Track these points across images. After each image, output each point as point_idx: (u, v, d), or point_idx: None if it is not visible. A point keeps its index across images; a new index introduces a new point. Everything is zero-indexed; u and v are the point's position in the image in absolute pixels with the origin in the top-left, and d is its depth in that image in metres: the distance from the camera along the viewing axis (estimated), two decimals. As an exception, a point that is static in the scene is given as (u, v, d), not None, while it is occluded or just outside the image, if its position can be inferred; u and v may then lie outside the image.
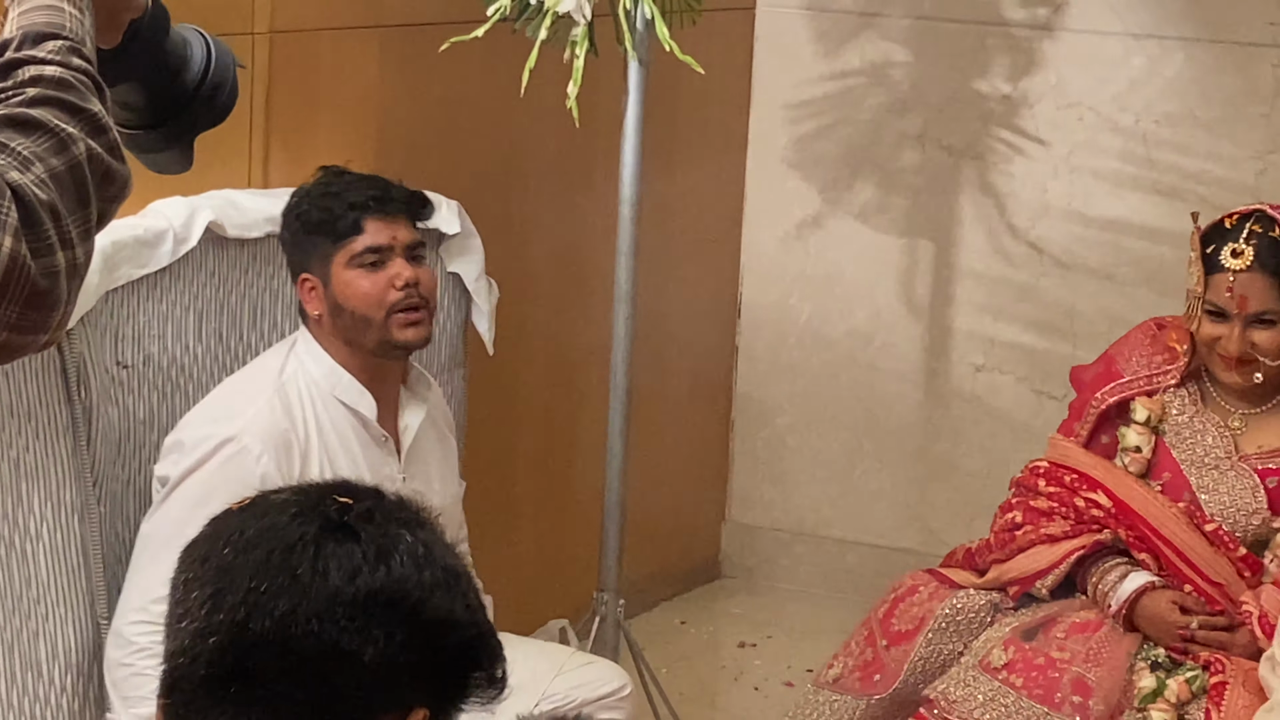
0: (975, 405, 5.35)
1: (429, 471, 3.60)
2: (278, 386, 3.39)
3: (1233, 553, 3.75)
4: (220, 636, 1.77)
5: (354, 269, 3.41)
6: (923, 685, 3.77)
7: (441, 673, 1.82)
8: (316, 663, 1.75)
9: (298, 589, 1.76)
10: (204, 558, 1.82)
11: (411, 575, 1.79)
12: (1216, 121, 5.05)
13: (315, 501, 1.83)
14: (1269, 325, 3.72)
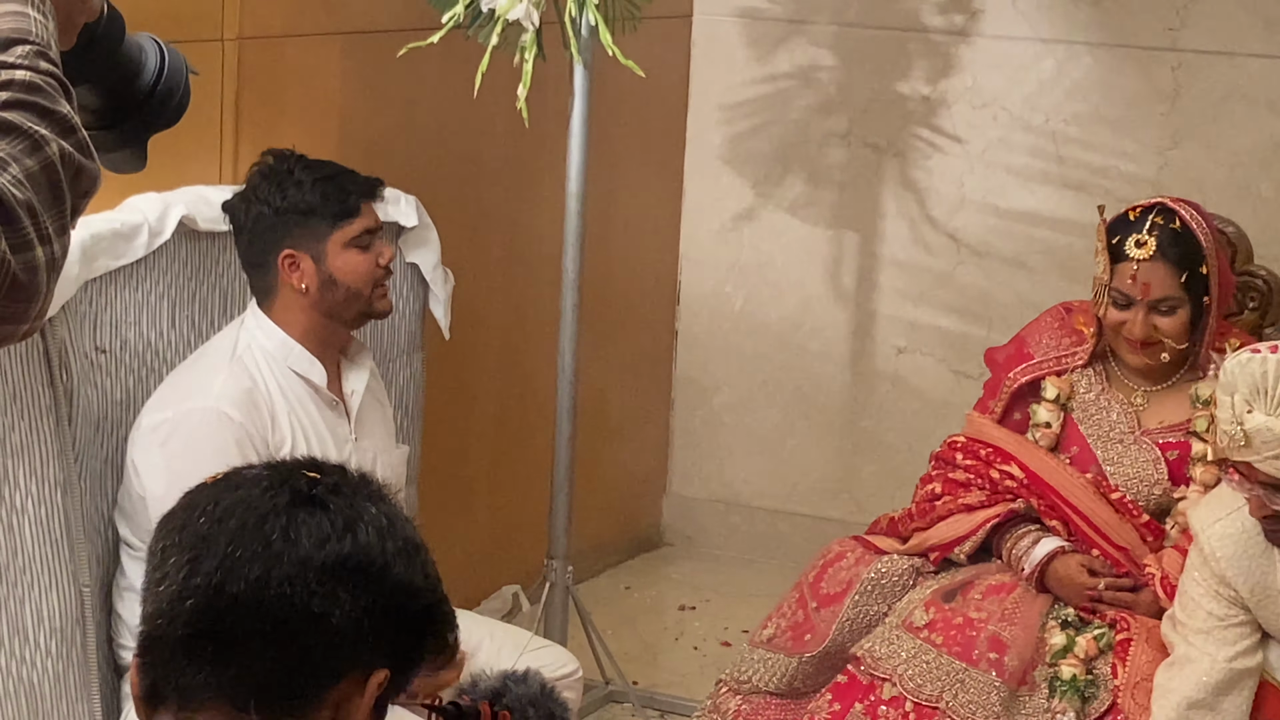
0: (898, 384, 5.37)
1: (375, 432, 3.61)
2: (234, 358, 3.39)
3: (1137, 520, 3.78)
4: (197, 599, 1.77)
5: (351, 249, 3.44)
6: (850, 644, 3.78)
7: (402, 636, 1.82)
8: (287, 624, 1.75)
9: (270, 555, 1.76)
10: (181, 526, 1.81)
11: (376, 544, 1.80)
12: (1120, 120, 5.08)
13: (286, 476, 1.83)
14: (1171, 310, 3.74)
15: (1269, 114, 4.94)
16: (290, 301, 3.44)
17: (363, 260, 3.45)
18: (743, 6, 5.38)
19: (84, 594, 3.32)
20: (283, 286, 3.44)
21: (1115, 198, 4.21)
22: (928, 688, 3.63)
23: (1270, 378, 3.27)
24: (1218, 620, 3.46)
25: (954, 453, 3.93)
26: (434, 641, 1.85)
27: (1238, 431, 3.28)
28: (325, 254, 3.43)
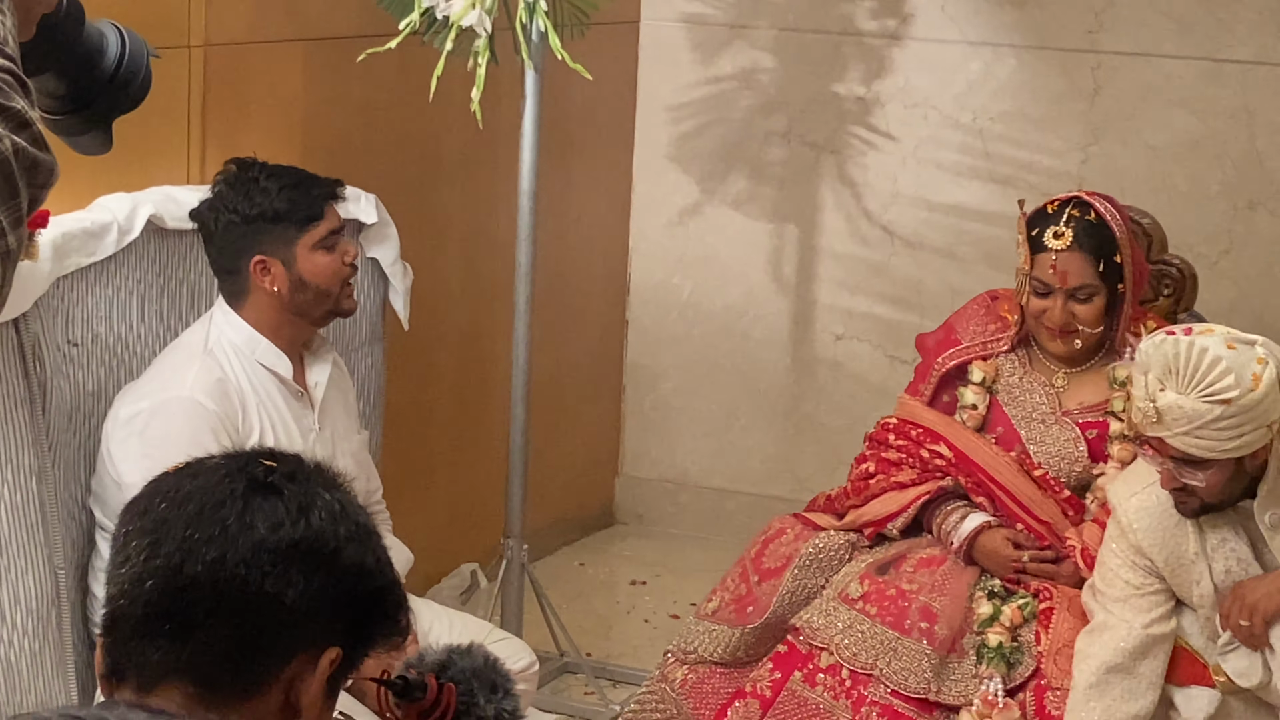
0: (835, 369, 5.38)
1: (337, 421, 3.61)
2: (206, 352, 3.40)
3: (1058, 495, 3.79)
4: (156, 580, 1.76)
5: (318, 250, 3.44)
6: (790, 615, 3.78)
7: (353, 616, 1.82)
8: (243, 603, 1.75)
9: (226, 538, 1.75)
10: (143, 512, 1.81)
11: (328, 528, 1.79)
12: (1043, 118, 5.10)
13: (243, 464, 1.83)
14: (1088, 297, 3.76)
15: (1183, 111, 4.97)
16: (261, 302, 3.44)
17: (330, 261, 3.45)
18: (687, 12, 5.39)
19: (59, 575, 3.31)
20: (255, 290, 3.43)
21: (1039, 192, 4.23)
22: (863, 656, 3.64)
23: (1182, 359, 3.29)
24: (1134, 589, 3.48)
25: (887, 433, 3.94)
26: (385, 622, 1.84)
27: (1150, 408, 3.30)
28: (295, 257, 3.43)
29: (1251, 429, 3.29)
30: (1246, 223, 4.95)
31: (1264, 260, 4.93)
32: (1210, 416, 3.26)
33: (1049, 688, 3.55)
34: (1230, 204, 4.95)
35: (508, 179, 4.36)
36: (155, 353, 3.54)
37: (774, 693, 3.72)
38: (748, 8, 5.33)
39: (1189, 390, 3.27)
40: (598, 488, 5.62)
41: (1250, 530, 3.44)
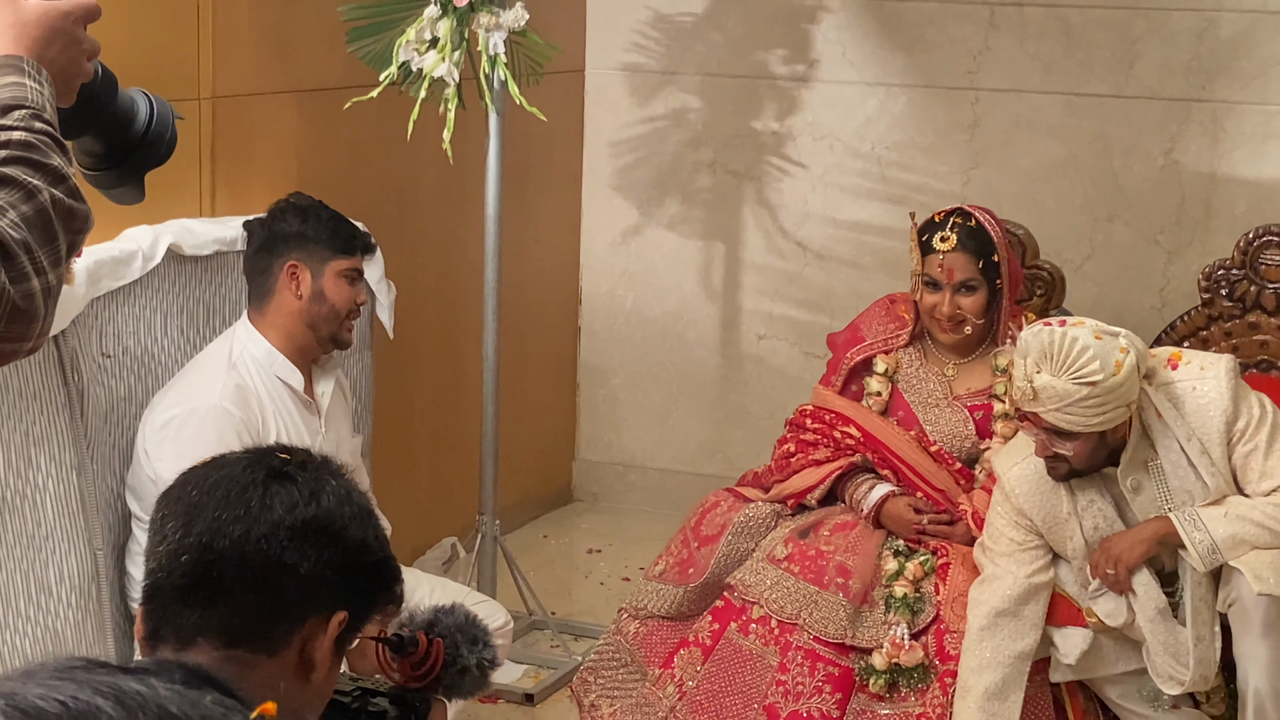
0: (759, 365, 5.40)
1: (340, 426, 3.60)
2: (230, 365, 3.39)
3: (951, 467, 3.82)
4: (190, 555, 1.77)
5: (342, 278, 3.47)
6: (725, 575, 3.79)
7: (357, 585, 1.83)
8: (264, 573, 1.75)
9: (250, 518, 1.76)
10: (176, 499, 1.82)
11: (336, 509, 1.80)
12: (931, 146, 5.12)
13: (262, 457, 1.84)
14: (971, 291, 3.79)
15: (1049, 139, 5.00)
16: (283, 305, 3.44)
17: (348, 290, 3.47)
18: (625, 61, 5.40)
19: (98, 556, 3.30)
20: (280, 290, 3.44)
21: (929, 209, 4.26)
22: (788, 608, 3.65)
23: (1056, 346, 3.31)
24: (1017, 545, 3.50)
25: (804, 418, 3.96)
26: (384, 590, 1.86)
27: (1028, 388, 3.33)
28: (323, 273, 3.45)
29: (1114, 407, 3.33)
30: (1105, 232, 4.98)
31: (1121, 264, 4.97)
32: (1079, 396, 3.29)
33: (947, 631, 3.57)
34: (1091, 217, 4.98)
35: (475, 207, 4.37)
36: (177, 362, 3.54)
37: (713, 641, 3.73)
38: (677, 57, 5.34)
39: (1061, 373, 3.30)
40: (558, 470, 5.62)
41: (1114, 492, 3.47)
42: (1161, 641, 3.42)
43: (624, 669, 3.87)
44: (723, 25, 5.27)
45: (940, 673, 3.54)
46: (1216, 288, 4.25)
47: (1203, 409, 3.40)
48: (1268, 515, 3.37)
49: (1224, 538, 3.36)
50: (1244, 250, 4.23)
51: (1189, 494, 3.42)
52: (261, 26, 4.03)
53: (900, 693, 3.56)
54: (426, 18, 3.86)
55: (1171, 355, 3.50)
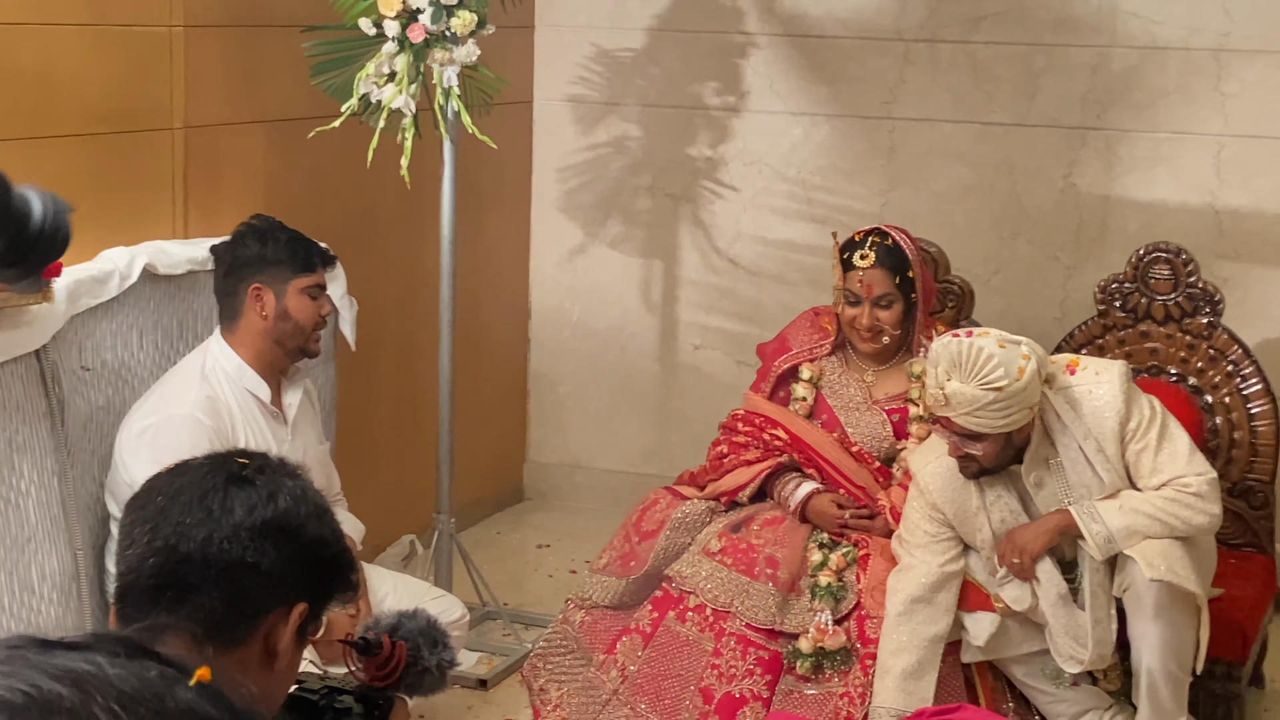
0: (695, 373, 5.40)
1: (307, 434, 3.58)
2: (203, 377, 3.37)
3: (871, 466, 3.83)
4: (157, 558, 1.75)
5: (304, 295, 3.44)
6: (664, 567, 3.79)
7: (315, 577, 1.82)
8: (228, 572, 1.74)
9: (212, 521, 1.75)
10: (143, 505, 1.81)
11: (293, 509, 1.79)
12: (852, 171, 5.14)
13: (222, 461, 1.83)
14: (888, 305, 3.81)
15: (959, 164, 5.03)
16: (251, 325, 3.42)
17: (311, 305, 3.45)
18: (570, 93, 5.40)
19: (78, 555, 3.27)
20: (247, 312, 3.42)
21: (849, 229, 4.28)
22: (722, 597, 3.66)
23: (964, 355, 3.33)
24: (931, 537, 3.52)
25: (736, 422, 3.96)
26: (341, 581, 1.85)
27: (940, 394, 3.34)
28: (285, 293, 3.42)
29: (1018, 410, 3.34)
30: (1011, 249, 5.02)
31: (1025, 279, 5.00)
32: (986, 400, 3.31)
33: (868, 616, 3.58)
34: (998, 235, 5.02)
35: (431, 228, 4.35)
36: (153, 374, 3.51)
37: (653, 628, 3.73)
38: (618, 89, 5.34)
39: (970, 380, 3.31)
40: (509, 471, 5.60)
41: (1019, 488, 3.49)
42: (1063, 624, 3.44)
43: (571, 655, 3.86)
44: (660, 60, 5.27)
45: (861, 655, 3.55)
46: (1111, 300, 4.28)
47: (1098, 411, 3.43)
48: (1158, 508, 3.40)
49: (1119, 529, 3.39)
50: (1135, 266, 4.27)
51: (1087, 489, 3.44)
52: (230, 61, 4.00)
53: (825, 674, 3.57)
54: (385, 53, 3.85)
55: (1070, 362, 3.53)
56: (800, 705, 3.56)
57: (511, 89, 4.46)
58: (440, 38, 3.85)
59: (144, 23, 3.72)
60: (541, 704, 3.81)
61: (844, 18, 5.06)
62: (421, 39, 3.83)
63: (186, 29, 3.82)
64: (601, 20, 5.32)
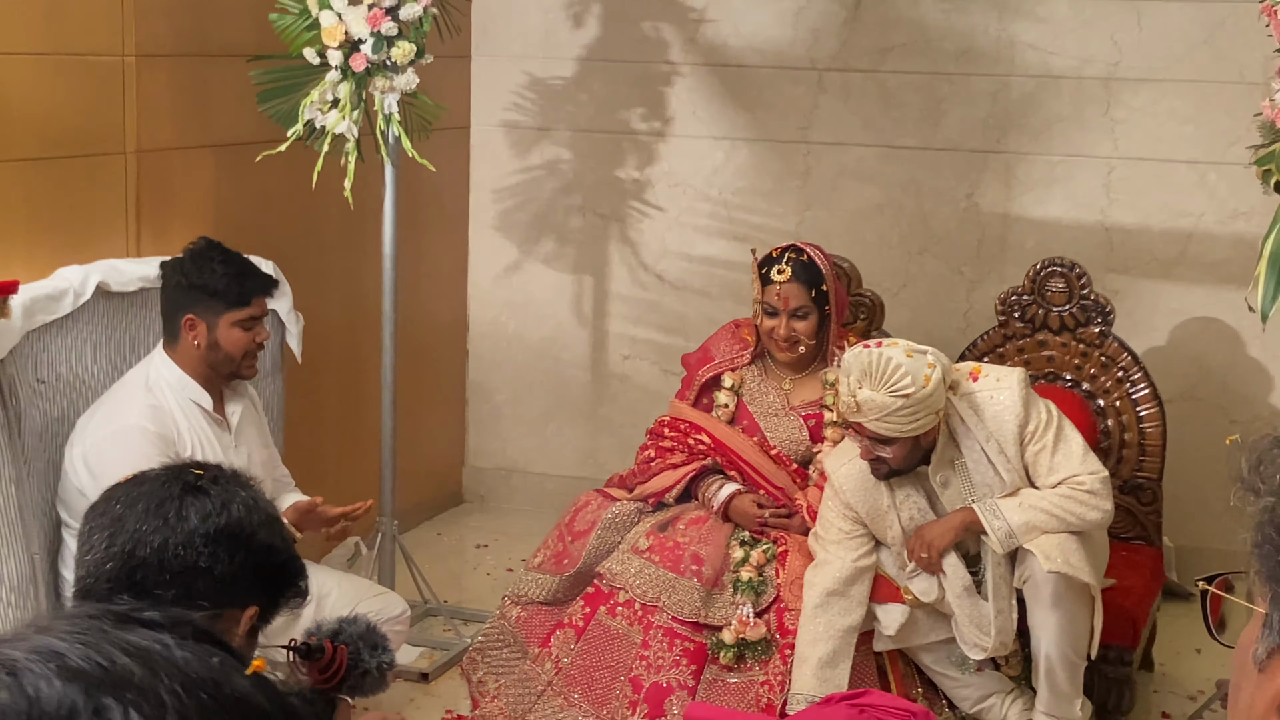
0: (624, 381, 5.41)
1: (251, 440, 3.54)
2: (147, 388, 3.33)
3: (789, 468, 3.85)
4: (115, 562, 1.75)
5: (236, 327, 3.37)
6: (595, 565, 3.79)
7: (266, 582, 1.81)
8: (182, 576, 1.74)
9: (168, 528, 1.74)
10: (101, 513, 1.80)
11: (245, 517, 1.79)
12: (769, 192, 5.17)
13: (178, 472, 1.83)
14: (804, 316, 3.83)
15: (869, 185, 5.07)
16: (186, 349, 3.38)
17: (243, 337, 3.38)
18: (505, 119, 5.39)
19: (35, 560, 3.22)
20: (182, 338, 3.37)
21: (767, 246, 4.31)
22: (650, 592, 3.66)
23: (874, 365, 3.35)
24: (845, 534, 3.54)
25: (663, 428, 3.97)
26: (290, 586, 1.84)
27: (852, 401, 3.36)
28: (217, 325, 3.36)
29: (924, 415, 3.37)
30: (918, 265, 5.06)
31: (931, 292, 5.05)
32: (895, 407, 3.33)
33: (786, 609, 3.60)
34: (905, 251, 5.05)
35: (374, 246, 4.33)
36: (105, 387, 3.46)
37: (585, 622, 3.73)
38: (550, 115, 5.34)
39: (879, 388, 3.34)
40: (449, 476, 5.58)
41: (926, 488, 3.52)
42: (967, 614, 3.47)
43: (508, 649, 3.86)
44: (590, 88, 5.28)
45: (780, 645, 3.57)
46: (1010, 311, 4.33)
47: (999, 415, 3.46)
48: (1055, 505, 3.44)
49: (1019, 524, 3.42)
50: (1033, 279, 4.32)
51: (989, 487, 3.47)
52: (180, 89, 3.97)
53: (747, 663, 3.58)
54: (329, 81, 3.83)
55: (973, 369, 3.56)
56: (724, 693, 3.57)
57: (449, 115, 4.45)
58: (381, 67, 3.84)
59: (98, 52, 3.69)
60: (480, 695, 3.80)
61: (761, 48, 5.09)
62: (363, 68, 3.81)
63: (139, 58, 3.79)
64: (534, 50, 5.32)
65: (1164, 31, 4.72)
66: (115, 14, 3.72)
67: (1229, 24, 4.60)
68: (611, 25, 5.22)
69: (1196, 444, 4.54)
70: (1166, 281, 4.79)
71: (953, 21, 4.89)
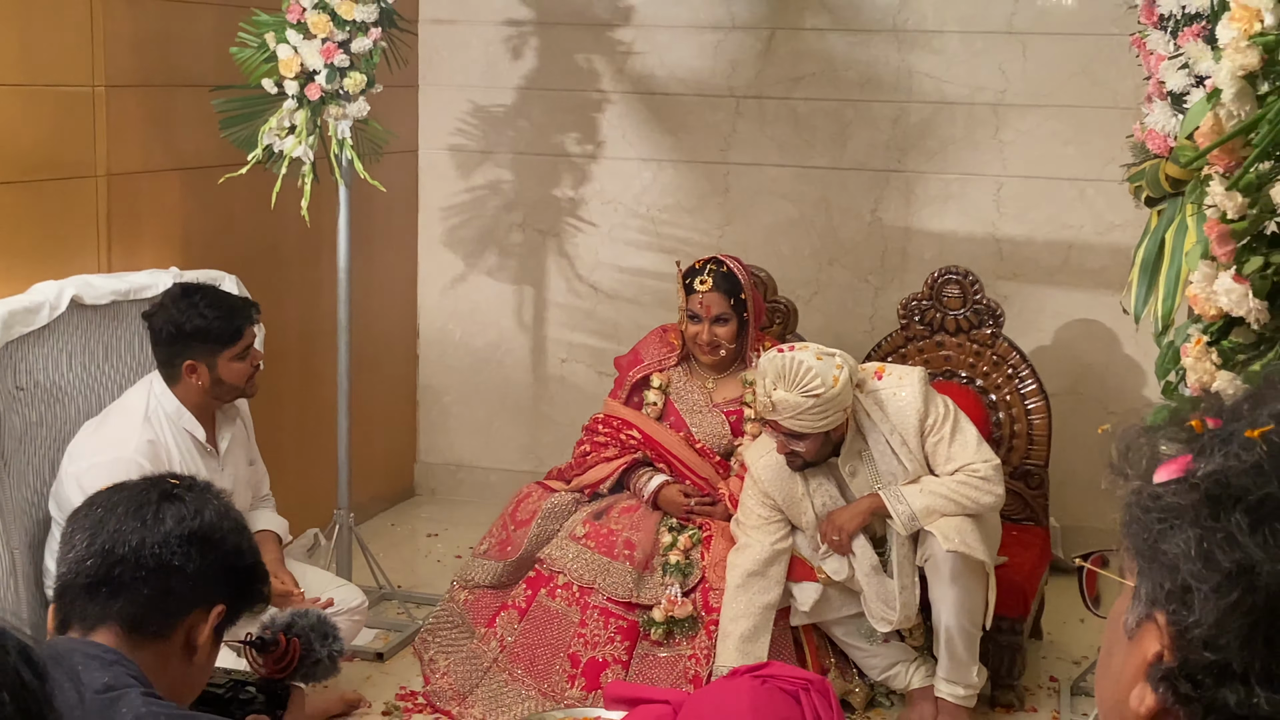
0: (563, 383, 5.41)
1: (237, 461, 3.50)
2: (146, 419, 3.27)
3: (712, 460, 3.87)
4: (94, 559, 1.75)
5: (235, 360, 3.32)
6: (536, 551, 3.80)
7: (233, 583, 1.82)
8: (157, 574, 1.74)
9: (145, 528, 1.75)
10: (84, 516, 1.81)
11: (216, 523, 1.79)
12: (693, 208, 5.18)
13: (156, 481, 1.84)
14: (725, 323, 3.85)
15: (783, 202, 5.09)
16: (189, 389, 3.32)
17: (242, 367, 3.34)
18: (451, 143, 5.37)
19: (15, 555, 3.18)
20: (184, 380, 3.31)
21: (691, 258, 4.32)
22: (586, 575, 3.67)
23: (787, 367, 3.38)
24: (764, 520, 3.56)
25: (597, 425, 3.98)
26: (254, 589, 1.85)
27: (768, 401, 3.39)
28: (217, 365, 3.31)
29: (834, 411, 3.40)
30: (828, 274, 5.09)
31: (840, 299, 5.08)
32: (807, 405, 3.36)
33: (711, 589, 3.62)
34: (817, 262, 5.08)
35: (329, 261, 4.31)
36: (80, 393, 3.42)
37: (528, 604, 3.74)
38: (492, 139, 5.33)
39: (792, 388, 3.36)
40: (401, 471, 5.55)
41: (837, 477, 3.55)
42: (875, 591, 3.51)
43: (456, 629, 3.85)
44: (528, 114, 5.28)
45: (705, 622, 3.59)
46: (911, 315, 4.37)
47: (901, 410, 3.50)
48: (952, 490, 3.48)
49: (920, 508, 3.46)
50: (931, 286, 4.37)
51: (893, 475, 3.51)
52: (148, 116, 3.93)
53: (675, 639, 3.60)
54: (285, 109, 3.81)
55: (877, 368, 3.60)
56: (654, 666, 3.58)
57: (398, 140, 4.44)
58: (335, 95, 3.83)
59: (70, 83, 3.64)
60: (431, 672, 3.79)
61: (684, 78, 5.11)
62: (318, 96, 3.80)
63: (108, 88, 3.75)
64: (477, 80, 5.31)
65: (1046, 62, 4.78)
66: (85, 47, 3.67)
67: (1103, 55, 4.67)
68: (547, 57, 5.22)
69: (1078, 434, 4.61)
70: (1051, 287, 4.86)
71: (857, 53, 4.94)
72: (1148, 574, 0.91)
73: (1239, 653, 0.85)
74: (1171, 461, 0.93)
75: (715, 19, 5.03)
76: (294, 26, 3.77)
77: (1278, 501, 0.85)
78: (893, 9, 4.88)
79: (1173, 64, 2.97)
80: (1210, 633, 0.86)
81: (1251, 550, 0.85)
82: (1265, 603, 0.84)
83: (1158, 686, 0.90)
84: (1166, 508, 0.90)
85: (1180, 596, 0.88)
